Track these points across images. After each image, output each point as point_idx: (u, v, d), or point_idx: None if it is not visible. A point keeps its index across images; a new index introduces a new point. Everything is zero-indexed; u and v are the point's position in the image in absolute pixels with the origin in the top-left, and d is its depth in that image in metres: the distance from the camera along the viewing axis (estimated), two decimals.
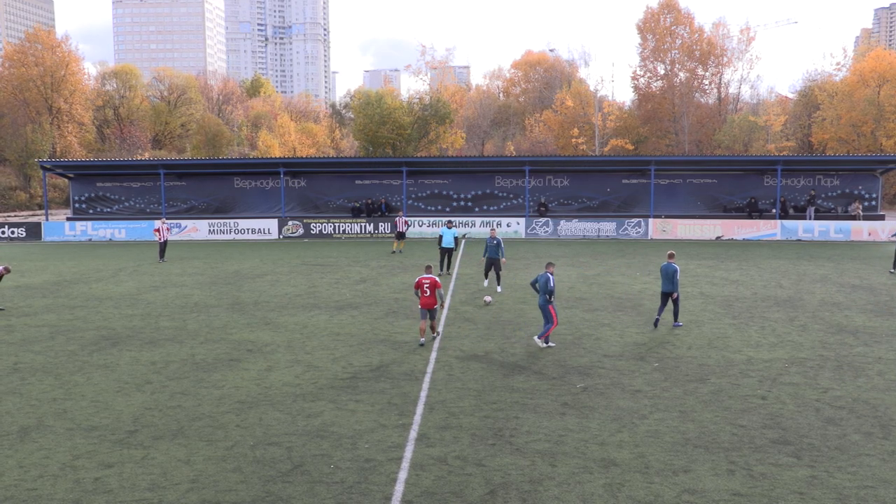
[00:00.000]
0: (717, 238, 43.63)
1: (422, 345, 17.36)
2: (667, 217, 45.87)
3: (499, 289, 25.06)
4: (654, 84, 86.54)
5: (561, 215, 47.30)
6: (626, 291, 24.68)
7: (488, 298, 19.22)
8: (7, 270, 22.71)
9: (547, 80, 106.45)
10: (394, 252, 36.98)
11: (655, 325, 19.01)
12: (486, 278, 25.92)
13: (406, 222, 39.66)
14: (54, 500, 9.47)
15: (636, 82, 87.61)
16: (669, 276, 18.68)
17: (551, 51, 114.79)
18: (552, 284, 17.01)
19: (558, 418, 12.32)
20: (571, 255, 35.44)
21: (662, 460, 10.57)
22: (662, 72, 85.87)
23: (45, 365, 16.07)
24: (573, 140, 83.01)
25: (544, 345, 17.06)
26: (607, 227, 45.24)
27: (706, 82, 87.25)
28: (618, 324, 19.59)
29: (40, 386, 14.51)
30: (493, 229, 26.24)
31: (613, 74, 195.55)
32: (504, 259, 25.50)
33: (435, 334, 17.92)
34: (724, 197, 48.35)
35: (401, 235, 37.91)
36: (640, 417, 12.35)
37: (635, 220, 45.18)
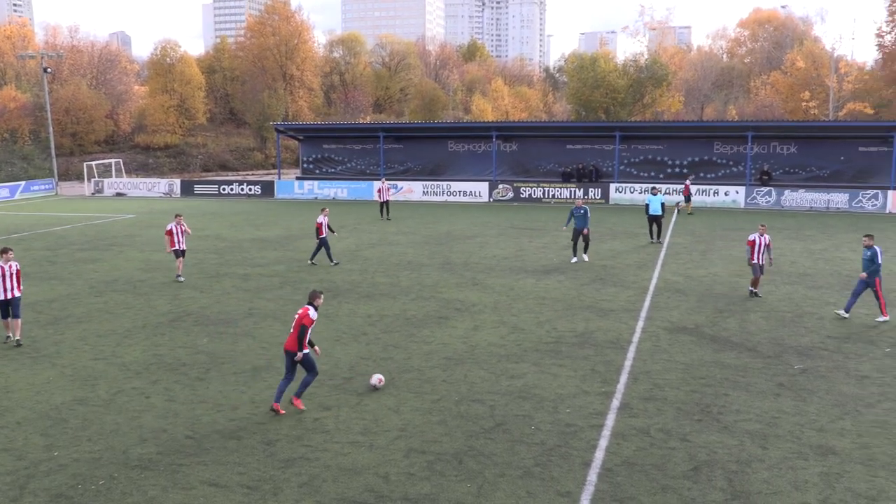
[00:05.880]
0: None
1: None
2: None
3: (585, 257, 24.39)
4: None
5: (785, 185, 44.18)
6: (856, 269, 22.70)
7: (376, 381, 12.44)
8: None
9: (776, 40, 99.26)
10: (690, 214, 38.60)
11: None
12: (575, 254, 24.63)
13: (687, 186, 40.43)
14: (280, 435, 10.38)
15: (881, 40, 79.15)
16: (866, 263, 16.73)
17: (783, 7, 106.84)
18: (879, 259, 16.59)
19: (772, 399, 11.68)
20: (796, 227, 33.13)
21: (890, 453, 9.73)
22: None
23: (275, 311, 17.52)
24: (804, 104, 76.89)
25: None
26: (838, 199, 41.68)
27: None
28: (845, 303, 18.10)
29: (270, 330, 15.87)
30: (579, 199, 25.27)
31: (854, 31, 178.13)
32: (587, 230, 24.41)
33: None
34: None
35: (688, 198, 39.39)
36: (867, 406, 11.42)
37: (871, 192, 41.25)
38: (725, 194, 43.47)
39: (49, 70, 60.10)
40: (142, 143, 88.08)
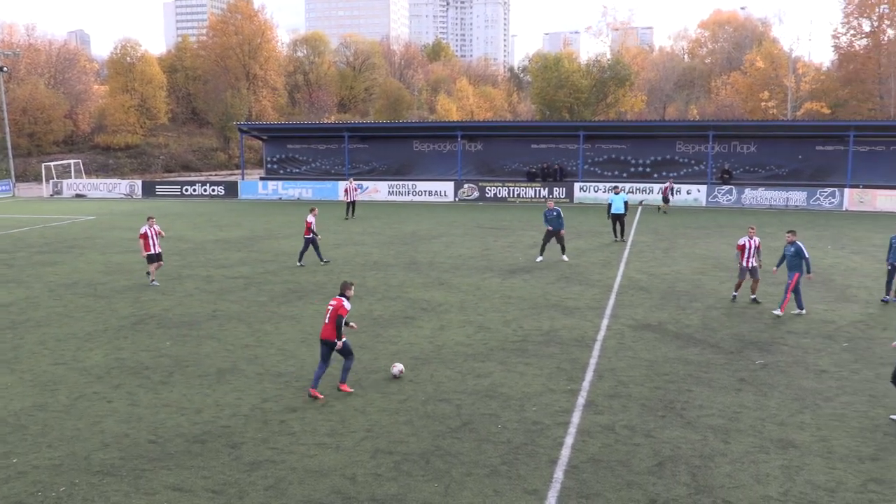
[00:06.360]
0: None
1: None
2: (865, 187, 42.34)
3: (565, 258, 24.20)
4: (858, 42, 79.43)
5: (746, 183, 44.90)
6: (815, 266, 23.12)
7: (396, 370, 12.86)
8: None
9: (736, 40, 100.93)
10: (659, 211, 39.28)
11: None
12: (542, 253, 24.34)
13: (667, 188, 40.38)
14: (245, 438, 10.29)
15: (837, 41, 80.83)
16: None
17: (742, 8, 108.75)
18: (806, 253, 16.91)
19: (734, 394, 11.87)
20: (756, 225, 33.47)
21: (847, 446, 9.94)
22: (868, 29, 78.56)
23: (240, 314, 17.37)
24: (763, 104, 78.19)
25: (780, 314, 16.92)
26: (797, 197, 42.48)
27: None
28: (804, 299, 18.43)
29: (235, 332, 15.73)
30: (550, 200, 25.05)
31: (811, 33, 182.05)
32: (563, 231, 24.41)
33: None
34: None
35: (666, 199, 39.52)
36: (825, 399, 11.65)
37: (829, 190, 42.10)
38: (687, 193, 44.02)
39: (5, 69, 58.89)
40: (102, 144, 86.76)
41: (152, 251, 20.76)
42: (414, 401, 11.64)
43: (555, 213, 24.32)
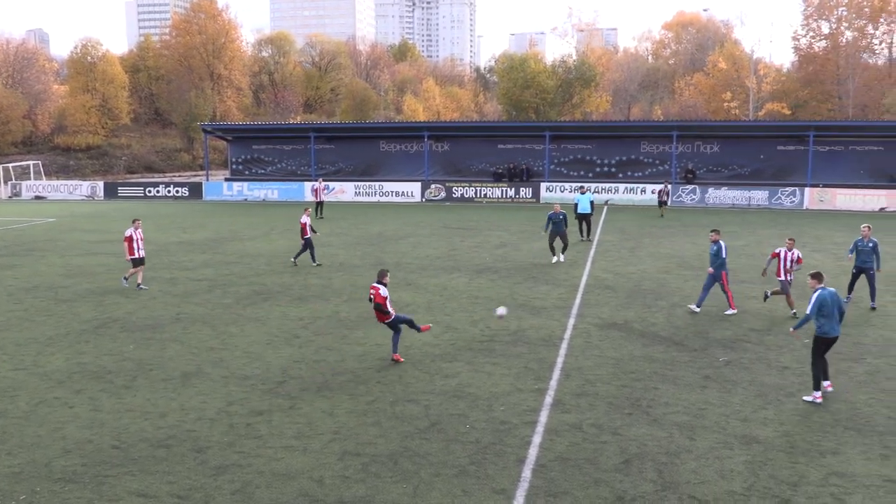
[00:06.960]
0: (881, 210, 40.68)
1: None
2: (825, 186, 43.13)
3: (562, 257, 24.36)
4: (817, 44, 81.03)
5: (709, 183, 45.49)
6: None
7: (501, 312, 15.04)
8: None
9: (699, 42, 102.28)
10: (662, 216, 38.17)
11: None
12: (554, 253, 24.55)
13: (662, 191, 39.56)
14: (211, 442, 10.17)
15: (797, 42, 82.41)
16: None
17: (705, 10, 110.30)
18: (724, 254, 17.06)
19: (699, 391, 12.00)
20: (719, 224, 34.02)
21: (809, 440, 10.10)
22: (827, 31, 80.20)
23: (204, 316, 17.18)
24: (725, 104, 79.36)
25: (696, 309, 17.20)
26: (759, 196, 43.13)
27: (876, 41, 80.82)
28: (697, 299, 18.71)
29: (199, 335, 15.55)
30: (557, 204, 25.39)
31: (772, 35, 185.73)
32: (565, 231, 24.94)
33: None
34: (891, 166, 44.89)
35: (662, 203, 38.61)
36: (787, 395, 11.83)
37: (790, 189, 42.81)
38: (652, 192, 44.40)
39: None
40: (62, 145, 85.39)
41: (136, 255, 20.35)
42: (382, 402, 11.60)
43: (561, 216, 24.62)
